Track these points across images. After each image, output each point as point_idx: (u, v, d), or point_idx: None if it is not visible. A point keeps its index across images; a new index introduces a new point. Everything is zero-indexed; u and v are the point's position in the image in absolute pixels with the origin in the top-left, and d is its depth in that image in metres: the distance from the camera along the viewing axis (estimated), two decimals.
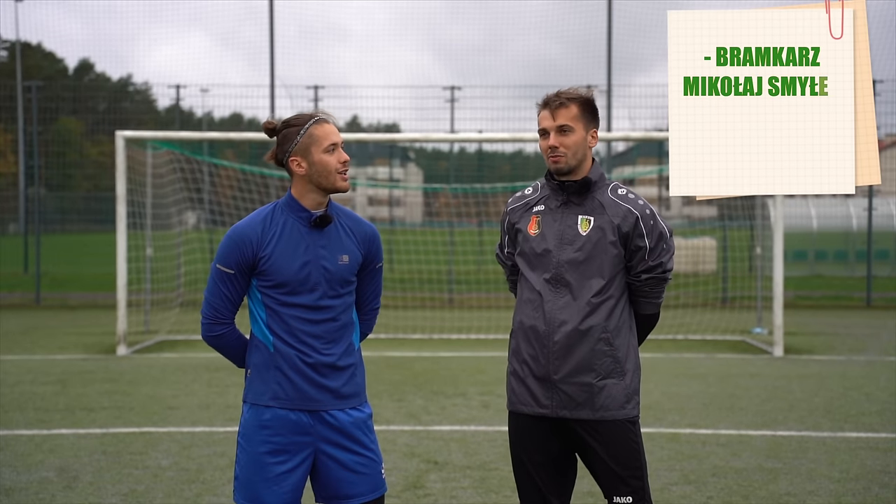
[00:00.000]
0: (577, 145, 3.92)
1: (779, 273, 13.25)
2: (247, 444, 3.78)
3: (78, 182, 26.61)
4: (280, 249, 3.73)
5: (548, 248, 3.92)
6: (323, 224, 3.77)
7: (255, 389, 3.80)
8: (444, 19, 30.82)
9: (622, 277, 3.95)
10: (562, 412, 3.90)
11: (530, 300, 3.96)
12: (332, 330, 3.79)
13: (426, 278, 20.35)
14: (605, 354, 3.88)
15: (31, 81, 24.28)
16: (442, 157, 26.19)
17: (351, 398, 3.84)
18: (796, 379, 10.92)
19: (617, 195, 3.94)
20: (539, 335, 3.91)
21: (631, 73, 33.50)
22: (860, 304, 20.79)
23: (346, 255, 3.81)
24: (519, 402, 4.01)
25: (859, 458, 7.21)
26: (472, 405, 9.32)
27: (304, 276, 3.73)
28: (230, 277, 3.76)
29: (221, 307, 3.80)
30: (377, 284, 4.04)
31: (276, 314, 3.75)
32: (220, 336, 3.84)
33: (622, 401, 3.90)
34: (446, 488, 6.46)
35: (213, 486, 6.50)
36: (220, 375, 11.01)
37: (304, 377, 3.75)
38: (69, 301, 20.88)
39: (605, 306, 3.89)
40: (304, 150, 3.73)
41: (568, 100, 3.93)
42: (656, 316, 4.09)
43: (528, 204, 4.06)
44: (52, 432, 8.08)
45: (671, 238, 3.97)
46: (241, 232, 3.75)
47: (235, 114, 27.29)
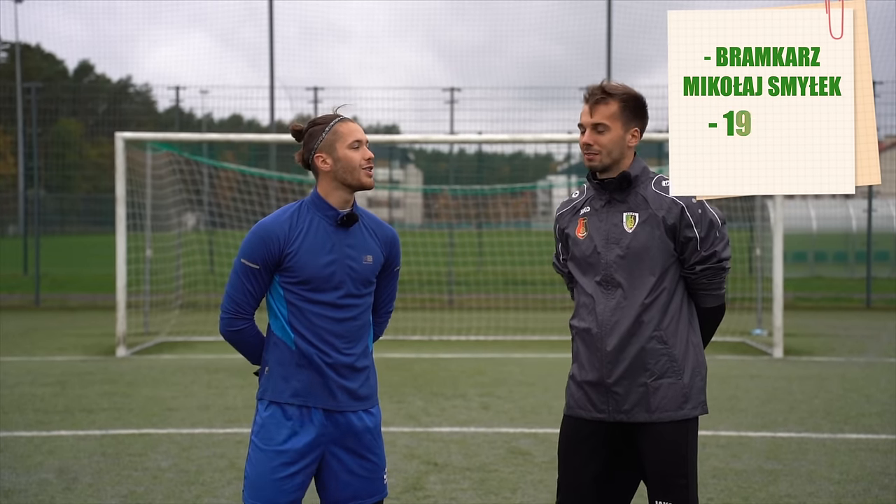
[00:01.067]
0: (613, 144, 3.81)
1: (778, 274, 13.24)
2: (262, 442, 3.77)
3: (77, 183, 26.60)
4: (307, 246, 3.74)
5: (596, 249, 3.83)
6: (349, 223, 3.78)
7: (275, 387, 3.79)
8: (444, 20, 30.84)
9: (675, 272, 3.82)
10: (618, 416, 3.80)
11: (584, 304, 3.87)
12: (353, 329, 3.80)
13: (426, 280, 20.35)
14: (659, 353, 3.77)
15: (31, 83, 24.28)
16: (441, 158, 26.20)
17: (366, 400, 3.85)
18: (796, 380, 10.92)
19: (661, 187, 3.81)
20: (593, 338, 3.82)
21: (633, 73, 33.49)
22: (860, 306, 20.79)
23: (370, 256, 3.83)
24: (577, 406, 3.90)
25: (859, 460, 7.20)
26: (472, 407, 9.32)
27: (328, 274, 3.74)
28: (255, 273, 3.75)
29: (243, 302, 3.79)
30: (393, 287, 4.05)
31: (298, 311, 3.75)
32: (240, 331, 3.83)
33: (679, 401, 3.78)
34: (446, 490, 6.45)
35: (213, 487, 6.49)
36: (220, 377, 11.00)
37: (323, 376, 3.75)
38: (69, 302, 20.87)
39: (659, 303, 3.78)
40: (329, 146, 3.76)
41: (608, 95, 3.80)
42: (721, 308, 3.92)
43: (575, 208, 3.97)
44: (51, 434, 8.07)
45: (724, 226, 3.82)
46: (269, 227, 3.75)
47: (235, 115, 27.30)
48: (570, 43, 24.35)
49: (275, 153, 21.48)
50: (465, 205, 20.97)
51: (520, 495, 6.34)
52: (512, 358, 12.89)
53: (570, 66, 24.84)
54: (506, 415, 8.92)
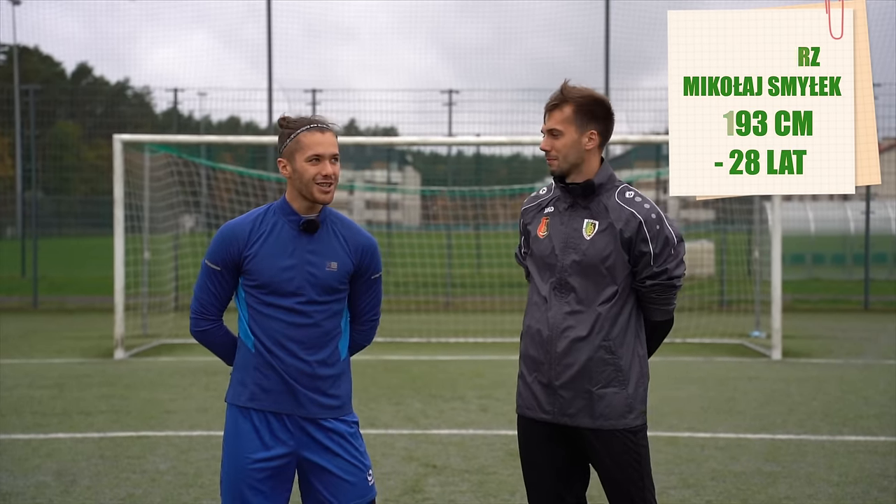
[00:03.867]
0: (568, 148, 3.82)
1: (777, 276, 13.24)
2: (227, 445, 3.77)
3: (75, 186, 26.59)
4: (266, 250, 3.71)
5: (554, 251, 3.86)
6: (310, 229, 3.74)
7: (235, 390, 3.79)
8: (445, 21, 30.81)
9: (628, 284, 3.84)
10: (562, 419, 3.85)
11: (537, 304, 3.90)
12: (313, 336, 3.74)
13: (424, 282, 20.34)
14: (605, 363, 3.80)
15: (29, 85, 24.28)
16: (440, 160, 26.20)
17: (333, 409, 3.79)
18: (794, 382, 10.91)
19: (623, 199, 3.83)
20: (543, 340, 3.85)
21: (637, 74, 33.48)
22: (858, 308, 20.79)
23: (334, 263, 3.76)
24: (525, 405, 3.95)
25: (858, 462, 7.20)
26: (471, 409, 9.31)
27: (287, 279, 3.70)
28: (217, 274, 3.75)
29: (207, 303, 3.79)
30: (374, 295, 3.96)
31: (257, 314, 3.73)
32: (205, 332, 3.83)
33: (623, 410, 3.81)
34: (445, 492, 6.44)
35: (211, 489, 6.48)
36: (218, 379, 10.99)
37: (281, 380, 3.72)
38: (67, 305, 20.84)
39: (610, 313, 3.80)
40: (289, 154, 3.73)
41: (562, 101, 3.83)
42: (668, 323, 3.97)
43: (540, 205, 4.00)
44: (49, 436, 8.05)
45: (680, 244, 3.84)
46: (230, 229, 3.75)
47: (233, 117, 27.30)
48: (574, 44, 24.33)
49: (273, 155, 21.48)
50: (463, 206, 20.96)
51: (518, 497, 6.33)
52: (510, 360, 12.87)
53: (573, 68, 24.79)
54: (504, 417, 8.91)
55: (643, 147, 24.01)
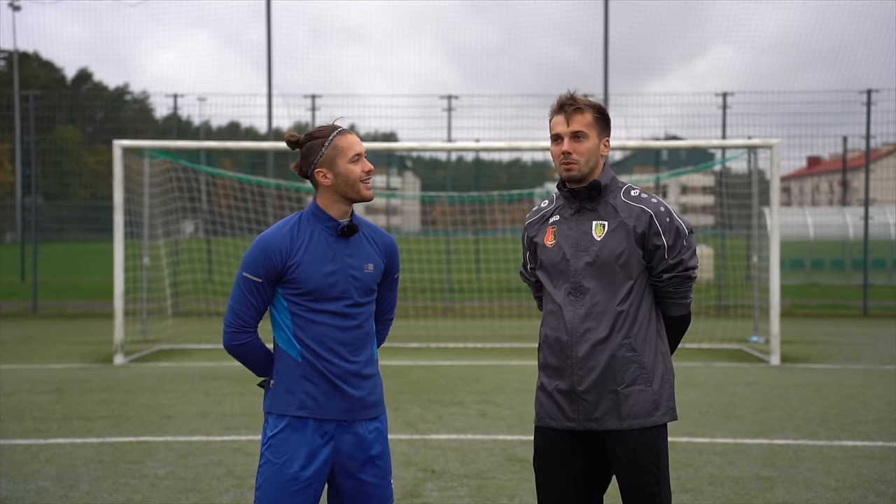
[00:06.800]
0: (591, 153, 3.86)
1: (775, 282, 13.26)
2: (273, 455, 3.76)
3: (75, 191, 26.60)
4: (309, 257, 3.75)
5: (565, 256, 3.87)
6: (349, 233, 3.80)
7: (281, 399, 3.79)
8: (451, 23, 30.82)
9: (644, 280, 3.86)
10: (589, 424, 3.82)
11: (552, 311, 3.90)
12: (358, 337, 3.81)
13: (423, 287, 20.36)
14: (629, 361, 3.80)
15: (29, 91, 24.30)
16: (439, 165, 26.19)
17: (374, 408, 3.86)
18: (793, 387, 10.93)
19: (630, 197, 3.87)
20: (563, 345, 3.85)
21: (641, 79, 33.50)
22: (857, 313, 20.80)
23: (371, 264, 3.85)
24: (547, 416, 3.92)
25: (856, 467, 7.21)
26: (470, 414, 9.32)
27: (331, 283, 3.75)
28: (257, 286, 3.76)
29: (246, 316, 3.79)
30: (393, 295, 4.07)
31: (303, 322, 3.76)
32: (243, 345, 3.82)
33: (649, 408, 3.81)
34: (443, 497, 6.46)
35: (211, 495, 6.49)
36: (218, 384, 11.01)
37: (332, 386, 3.75)
38: (66, 310, 20.85)
39: (628, 311, 3.81)
40: (329, 161, 3.77)
41: (584, 105, 3.86)
42: (687, 317, 3.98)
43: (544, 216, 4.02)
44: (49, 441, 8.07)
45: (691, 235, 3.88)
46: (270, 240, 3.76)
47: (233, 123, 27.34)
48: (582, 46, 24.33)
49: (272, 161, 21.49)
50: (462, 212, 20.98)
51: (517, 502, 6.35)
52: (509, 365, 12.89)
53: (581, 71, 24.79)
54: (503, 422, 8.93)
55: (642, 152, 24.03)
